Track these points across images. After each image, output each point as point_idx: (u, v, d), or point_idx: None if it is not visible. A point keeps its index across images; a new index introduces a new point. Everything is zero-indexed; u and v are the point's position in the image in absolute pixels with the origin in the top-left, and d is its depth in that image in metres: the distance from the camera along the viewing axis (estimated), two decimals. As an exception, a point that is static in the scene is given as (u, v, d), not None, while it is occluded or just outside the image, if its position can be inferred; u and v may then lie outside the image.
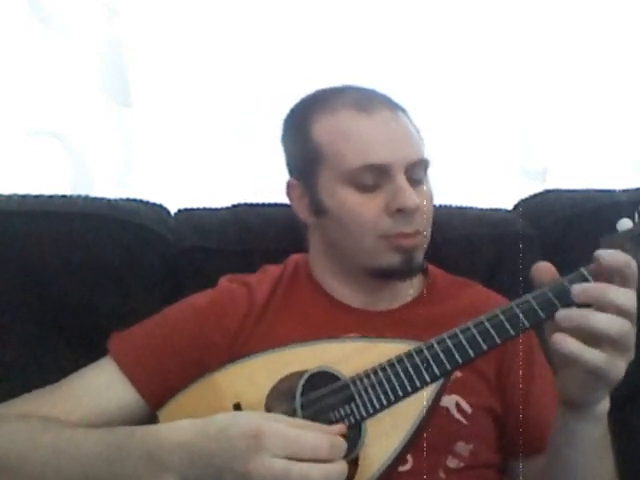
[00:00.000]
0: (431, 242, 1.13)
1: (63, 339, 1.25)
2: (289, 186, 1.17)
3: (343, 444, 0.79)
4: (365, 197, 1.05)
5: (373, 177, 1.05)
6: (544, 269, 0.87)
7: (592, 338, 0.79)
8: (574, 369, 0.83)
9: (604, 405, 0.88)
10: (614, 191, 1.41)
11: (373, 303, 1.14)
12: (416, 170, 1.07)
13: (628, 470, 0.98)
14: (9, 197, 1.29)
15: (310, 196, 1.12)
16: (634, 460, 0.99)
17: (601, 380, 0.82)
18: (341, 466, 0.78)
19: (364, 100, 1.08)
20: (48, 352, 1.24)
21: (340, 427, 0.82)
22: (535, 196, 1.50)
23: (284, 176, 1.17)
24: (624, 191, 1.40)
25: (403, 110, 1.13)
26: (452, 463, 1.02)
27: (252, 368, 0.97)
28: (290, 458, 0.76)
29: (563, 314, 0.80)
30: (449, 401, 1.03)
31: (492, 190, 1.89)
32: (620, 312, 0.79)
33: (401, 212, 1.04)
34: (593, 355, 0.79)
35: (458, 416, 1.04)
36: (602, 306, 0.80)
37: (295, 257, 1.22)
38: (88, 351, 1.11)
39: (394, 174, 1.04)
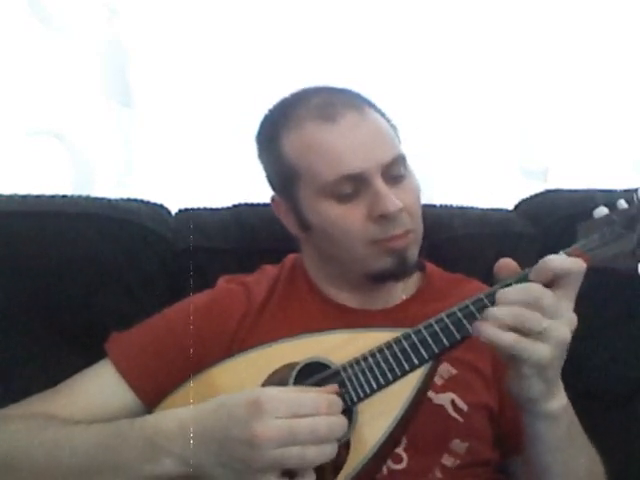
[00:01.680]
0: (431, 242, 1.13)
1: (63, 339, 1.25)
2: (274, 202, 1.16)
3: (339, 401, 0.81)
4: (346, 207, 1.03)
5: (350, 186, 1.03)
6: (506, 265, 0.89)
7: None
8: (509, 364, 0.85)
9: (557, 402, 0.87)
10: (615, 191, 1.41)
11: (370, 303, 1.14)
12: (394, 168, 1.05)
13: (629, 466, 0.98)
14: (9, 197, 1.29)
15: (294, 212, 1.11)
16: (635, 456, 0.99)
17: (525, 364, 0.82)
18: (342, 419, 0.80)
19: (327, 106, 1.05)
20: (48, 352, 1.24)
21: (333, 387, 0.85)
22: (536, 196, 1.50)
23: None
24: (625, 191, 1.39)
25: (371, 105, 1.09)
26: (448, 461, 1.02)
27: (244, 363, 0.98)
28: (292, 418, 0.77)
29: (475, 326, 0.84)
30: (445, 399, 1.04)
31: (493, 190, 1.89)
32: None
33: (384, 217, 1.02)
34: (504, 336, 0.81)
35: (454, 414, 1.04)
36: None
37: (293, 257, 1.22)
38: (88, 351, 1.11)
39: (371, 179, 1.02)
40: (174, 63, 1.77)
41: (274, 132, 1.10)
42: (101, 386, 1.04)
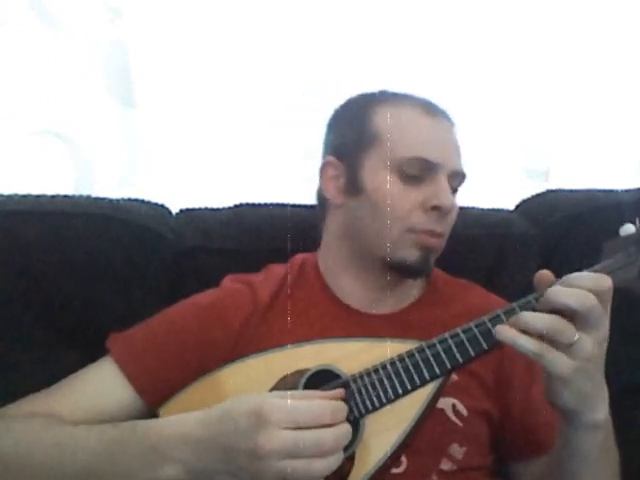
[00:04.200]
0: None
1: (63, 339, 1.25)
2: (326, 164, 1.16)
3: (344, 407, 0.81)
4: (406, 188, 1.06)
5: (420, 170, 1.06)
6: (545, 277, 0.86)
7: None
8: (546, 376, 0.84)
9: (597, 415, 0.85)
10: (616, 191, 1.41)
11: (377, 305, 1.13)
12: (456, 180, 1.11)
13: (629, 465, 0.98)
14: (9, 197, 1.29)
15: (348, 175, 1.12)
16: (631, 456, 0.98)
17: (550, 375, 0.81)
18: (346, 427, 0.80)
19: (430, 105, 1.12)
20: (48, 352, 1.23)
21: (338, 391, 0.84)
22: (537, 196, 1.50)
23: (285, 176, 1.17)
24: (626, 191, 1.40)
25: (456, 126, 1.15)
26: (446, 466, 1.01)
27: (253, 367, 0.98)
28: (296, 428, 0.77)
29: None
30: (445, 403, 1.03)
31: (496, 190, 1.89)
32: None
33: (436, 210, 1.06)
34: (526, 341, 0.80)
35: (454, 418, 1.04)
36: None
37: (301, 256, 1.22)
38: (88, 351, 1.11)
39: (439, 173, 1.07)
40: (177, 64, 1.78)
41: (368, 103, 1.14)
42: (102, 384, 1.04)
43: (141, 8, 1.74)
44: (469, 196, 1.53)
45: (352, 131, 1.14)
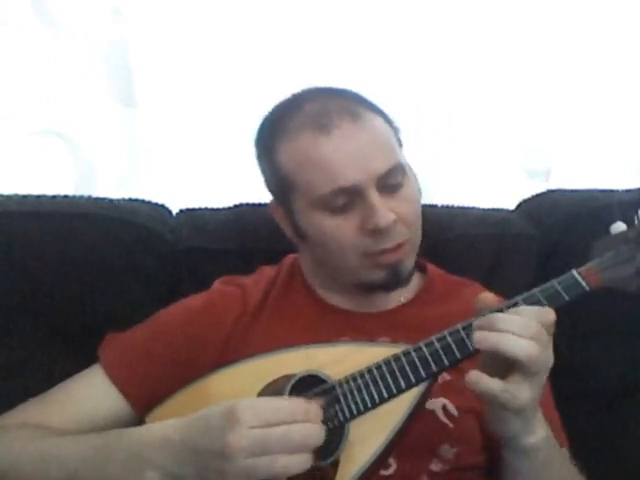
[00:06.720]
0: (431, 242, 1.12)
1: (62, 339, 1.25)
2: (272, 208, 1.15)
3: (319, 409, 0.80)
4: (340, 219, 1.02)
5: (344, 198, 1.00)
6: (484, 300, 0.87)
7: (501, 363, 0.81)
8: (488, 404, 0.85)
9: (535, 437, 0.86)
10: (616, 191, 1.41)
11: (366, 306, 1.13)
12: (390, 178, 1.02)
13: (624, 465, 0.98)
14: (9, 197, 1.29)
15: (289, 220, 1.10)
16: (629, 456, 0.98)
17: (506, 409, 0.82)
18: (317, 427, 0.78)
19: (321, 116, 1.01)
20: (46, 352, 1.24)
21: (316, 402, 0.83)
22: (537, 196, 1.50)
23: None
24: (626, 191, 1.39)
25: (369, 107, 1.06)
26: (436, 467, 1.00)
27: (240, 373, 0.97)
28: (265, 427, 0.76)
29: (478, 336, 0.82)
30: (436, 404, 1.02)
31: (496, 190, 1.89)
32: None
33: (377, 230, 1.00)
34: (492, 384, 0.80)
35: (444, 419, 1.02)
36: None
37: (291, 257, 1.21)
38: (87, 351, 1.11)
39: (365, 192, 1.00)
40: (177, 64, 1.77)
41: (270, 141, 1.08)
42: (92, 392, 1.04)
43: (142, 8, 1.74)
44: (469, 196, 1.54)
45: (270, 177, 1.10)
